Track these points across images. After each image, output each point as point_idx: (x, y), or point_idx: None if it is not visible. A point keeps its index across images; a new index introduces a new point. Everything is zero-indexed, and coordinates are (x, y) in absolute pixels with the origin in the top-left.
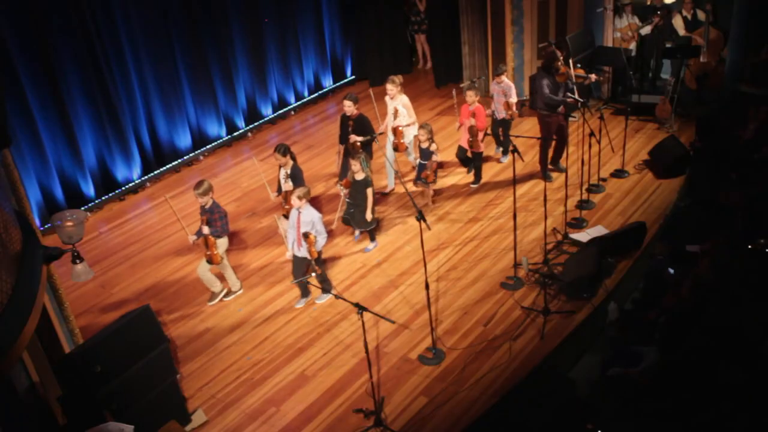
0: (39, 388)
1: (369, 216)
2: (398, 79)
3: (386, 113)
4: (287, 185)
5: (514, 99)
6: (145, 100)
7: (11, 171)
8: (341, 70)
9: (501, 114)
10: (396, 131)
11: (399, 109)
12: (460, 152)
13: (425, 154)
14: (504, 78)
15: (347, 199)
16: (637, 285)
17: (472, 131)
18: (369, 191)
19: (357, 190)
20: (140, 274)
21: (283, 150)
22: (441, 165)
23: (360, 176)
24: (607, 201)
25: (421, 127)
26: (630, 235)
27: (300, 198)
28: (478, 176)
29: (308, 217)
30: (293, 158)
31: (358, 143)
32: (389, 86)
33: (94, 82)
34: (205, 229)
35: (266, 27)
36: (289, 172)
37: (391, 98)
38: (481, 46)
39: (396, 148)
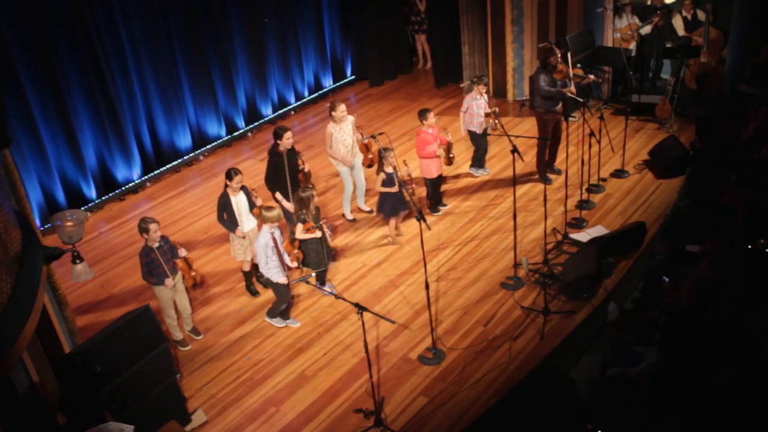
0: (39, 388)
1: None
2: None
3: (339, 139)
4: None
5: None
6: (145, 100)
7: (11, 171)
8: (341, 70)
9: (483, 126)
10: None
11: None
12: (437, 184)
13: (392, 179)
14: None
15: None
16: (637, 285)
17: (450, 147)
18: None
19: (317, 220)
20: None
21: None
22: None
23: (314, 207)
24: (607, 201)
25: (388, 150)
26: (630, 235)
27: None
28: (441, 200)
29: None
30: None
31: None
32: (344, 106)
33: (95, 82)
34: (183, 251)
35: (266, 27)
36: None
37: (337, 122)
38: (481, 46)
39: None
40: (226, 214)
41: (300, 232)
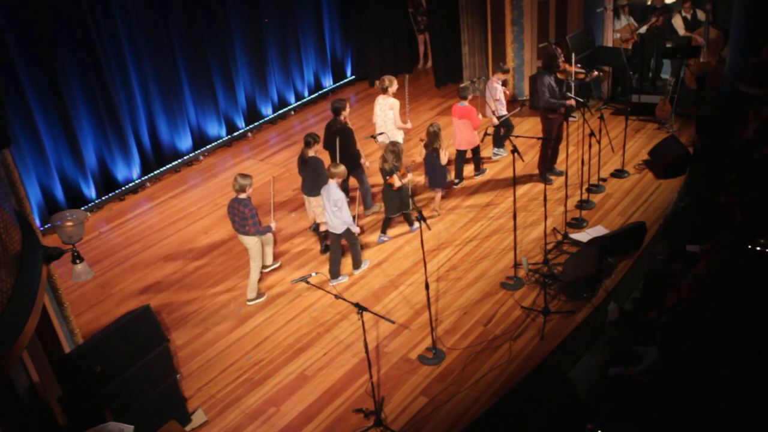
0: (39, 388)
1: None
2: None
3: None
4: None
5: None
6: (145, 100)
7: (11, 171)
8: (341, 70)
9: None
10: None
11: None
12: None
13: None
14: None
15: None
16: (637, 285)
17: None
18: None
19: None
20: (140, 274)
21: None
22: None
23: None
24: (607, 201)
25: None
26: (630, 235)
27: None
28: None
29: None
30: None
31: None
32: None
33: (95, 82)
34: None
35: (266, 27)
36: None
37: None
38: (481, 46)
39: None
40: None
41: (398, 180)
